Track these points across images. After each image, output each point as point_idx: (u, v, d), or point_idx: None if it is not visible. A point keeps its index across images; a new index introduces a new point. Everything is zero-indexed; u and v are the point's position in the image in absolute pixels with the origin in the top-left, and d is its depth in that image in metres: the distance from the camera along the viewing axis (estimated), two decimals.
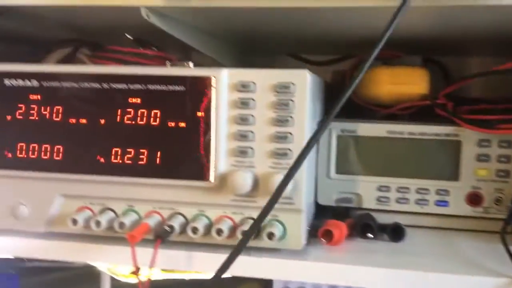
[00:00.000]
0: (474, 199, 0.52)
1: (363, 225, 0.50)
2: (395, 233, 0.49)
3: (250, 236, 0.40)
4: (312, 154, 0.46)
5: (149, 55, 0.53)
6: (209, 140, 0.44)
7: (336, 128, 0.54)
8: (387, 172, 0.53)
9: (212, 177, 0.44)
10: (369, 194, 0.53)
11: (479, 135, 0.51)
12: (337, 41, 0.69)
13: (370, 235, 0.49)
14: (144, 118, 0.45)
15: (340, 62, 0.78)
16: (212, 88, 0.44)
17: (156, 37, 0.55)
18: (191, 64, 0.47)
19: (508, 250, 0.44)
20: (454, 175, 0.52)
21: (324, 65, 0.74)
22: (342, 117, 0.54)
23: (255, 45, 0.76)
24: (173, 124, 0.44)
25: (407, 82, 0.56)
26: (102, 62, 0.52)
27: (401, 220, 0.51)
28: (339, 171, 0.54)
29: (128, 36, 0.55)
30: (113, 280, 0.78)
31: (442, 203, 0.52)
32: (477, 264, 0.44)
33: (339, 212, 0.55)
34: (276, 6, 0.44)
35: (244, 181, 0.43)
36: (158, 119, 0.45)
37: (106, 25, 0.62)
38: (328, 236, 0.47)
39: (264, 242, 0.44)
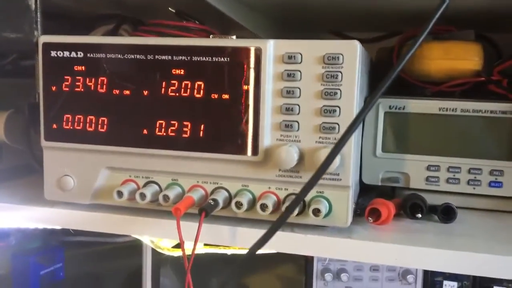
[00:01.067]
0: None
1: (412, 205, 0.48)
2: (446, 214, 0.47)
3: (292, 211, 0.39)
4: (358, 131, 0.44)
5: (192, 28, 0.52)
6: (254, 113, 0.43)
7: (384, 104, 0.51)
8: (437, 150, 0.51)
9: (257, 152, 0.43)
10: (418, 174, 0.51)
11: None
12: (381, 17, 0.67)
13: (419, 215, 0.47)
14: (188, 90, 0.44)
15: (384, 39, 0.75)
16: (257, 59, 0.42)
17: (195, 13, 0.54)
18: (234, 37, 0.46)
19: None
20: (509, 155, 0.49)
21: (368, 42, 0.71)
22: (389, 94, 0.52)
23: (296, 21, 0.74)
24: (217, 96, 0.44)
25: (460, 58, 0.53)
26: (145, 36, 0.52)
27: (451, 201, 0.49)
28: (385, 149, 0.52)
29: (171, 10, 0.54)
30: (154, 254, 0.79)
31: (496, 184, 0.50)
32: None
33: (385, 191, 0.54)
34: None
35: (290, 155, 0.42)
36: (202, 91, 0.44)
37: None
38: (375, 215, 0.45)
39: (310, 218, 0.43)
